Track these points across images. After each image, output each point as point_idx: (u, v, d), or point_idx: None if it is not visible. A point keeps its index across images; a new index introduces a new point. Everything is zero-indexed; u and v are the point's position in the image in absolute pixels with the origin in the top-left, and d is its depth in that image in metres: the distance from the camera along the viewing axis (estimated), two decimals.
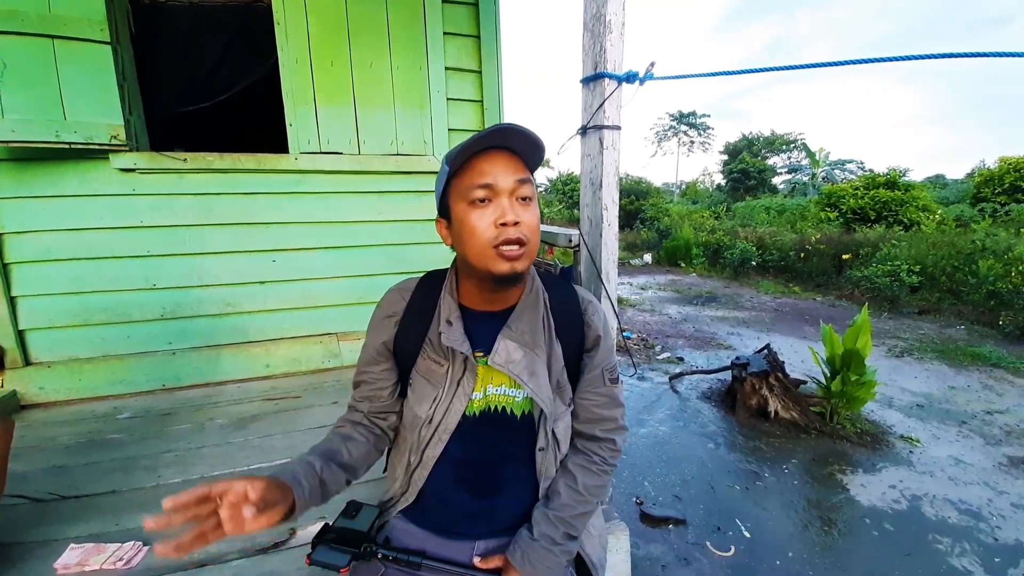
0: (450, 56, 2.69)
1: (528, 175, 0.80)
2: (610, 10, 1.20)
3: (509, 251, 0.76)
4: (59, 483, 1.58)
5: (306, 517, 1.37)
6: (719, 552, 2.13)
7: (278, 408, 2.19)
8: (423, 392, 0.88)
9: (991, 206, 11.32)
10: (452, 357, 0.87)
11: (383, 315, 0.92)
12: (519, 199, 0.78)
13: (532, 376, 0.85)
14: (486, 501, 0.91)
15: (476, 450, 0.90)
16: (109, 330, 2.37)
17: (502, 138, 0.77)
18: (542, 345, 0.88)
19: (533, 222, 0.79)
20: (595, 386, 0.94)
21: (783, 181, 29.30)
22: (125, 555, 1.21)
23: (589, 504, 0.92)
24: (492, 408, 0.89)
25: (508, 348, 0.85)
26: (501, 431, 0.90)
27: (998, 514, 2.37)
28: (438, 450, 0.89)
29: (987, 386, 4.04)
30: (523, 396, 0.89)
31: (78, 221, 2.26)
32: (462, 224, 0.79)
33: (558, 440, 0.91)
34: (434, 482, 0.91)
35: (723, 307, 7.29)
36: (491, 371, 0.88)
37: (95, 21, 2.04)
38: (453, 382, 0.87)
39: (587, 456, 0.94)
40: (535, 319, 0.88)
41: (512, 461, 0.92)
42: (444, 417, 0.87)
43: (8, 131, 1.97)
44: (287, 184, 2.52)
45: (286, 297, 2.61)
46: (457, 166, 0.79)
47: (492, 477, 0.92)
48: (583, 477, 0.92)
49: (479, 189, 0.76)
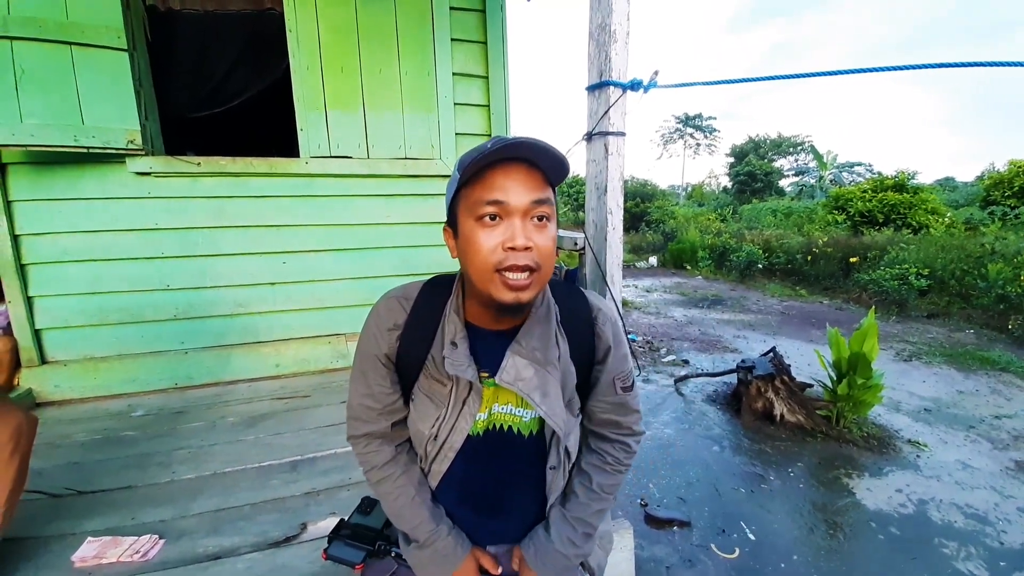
0: (457, 62, 2.73)
1: (548, 195, 0.71)
2: (615, 20, 1.22)
3: (515, 281, 0.69)
4: (75, 479, 1.63)
5: (316, 514, 1.41)
6: (723, 554, 2.13)
7: (288, 407, 2.22)
8: (426, 411, 0.83)
9: (1001, 209, 11.19)
10: (456, 378, 0.81)
11: (384, 326, 0.83)
12: (534, 219, 0.70)
13: (544, 397, 0.79)
14: (492, 519, 0.89)
15: (481, 470, 0.86)
16: (124, 330, 2.42)
17: (523, 150, 0.68)
18: (555, 362, 0.81)
19: (547, 246, 0.71)
20: (606, 395, 0.88)
21: (790, 184, 29.20)
22: (142, 548, 1.25)
23: (605, 502, 0.89)
24: (497, 427, 0.84)
25: (517, 365, 0.79)
26: (507, 451, 0.85)
27: (1004, 518, 2.36)
28: (444, 466, 0.85)
29: (995, 390, 4.01)
30: (531, 416, 0.84)
31: (95, 223, 2.32)
32: (467, 241, 0.71)
33: (569, 455, 0.88)
34: (440, 497, 0.89)
35: (729, 310, 7.27)
36: (497, 390, 0.82)
37: (112, 28, 2.10)
38: (458, 402, 0.81)
39: (601, 456, 0.90)
40: (547, 334, 0.81)
41: (518, 481, 0.88)
42: (449, 436, 0.83)
43: (27, 135, 2.02)
44: (297, 187, 2.57)
45: (296, 298, 2.65)
46: (469, 175, 0.70)
47: (497, 497, 0.89)
48: (598, 477, 0.88)
49: (489, 205, 0.68)
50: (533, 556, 0.85)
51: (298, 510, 1.45)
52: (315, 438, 1.90)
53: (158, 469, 1.69)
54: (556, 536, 0.85)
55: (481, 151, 0.67)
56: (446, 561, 0.83)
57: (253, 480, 1.62)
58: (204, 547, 1.29)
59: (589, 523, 0.87)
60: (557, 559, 0.85)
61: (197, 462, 1.74)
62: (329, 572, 1.18)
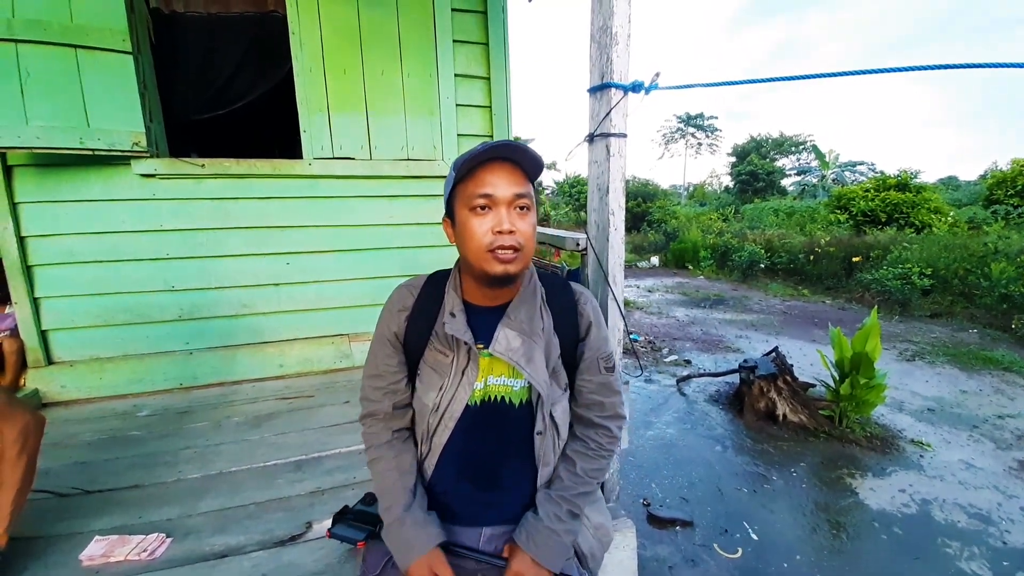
0: (459, 63, 2.74)
1: (527, 189, 0.86)
2: (616, 22, 1.23)
3: (503, 255, 0.83)
4: (82, 478, 1.64)
5: (322, 512, 1.42)
6: (726, 554, 2.14)
7: (292, 407, 2.24)
8: (430, 381, 0.94)
9: (1004, 208, 11.16)
10: (456, 348, 0.93)
11: (394, 308, 0.98)
12: (517, 208, 0.85)
13: (529, 362, 0.91)
14: (488, 493, 0.97)
15: (477, 442, 0.95)
16: (129, 330, 2.44)
17: (505, 151, 0.83)
18: (539, 332, 0.93)
19: (528, 230, 0.86)
20: (590, 373, 0.99)
21: (792, 183, 29.11)
22: (149, 546, 1.26)
23: (589, 485, 0.98)
24: (491, 398, 0.94)
25: (508, 336, 0.91)
26: (501, 420, 0.95)
27: (1007, 518, 2.36)
28: (444, 437, 0.94)
29: (999, 390, 4.00)
30: (521, 385, 0.95)
31: (100, 225, 2.33)
32: (463, 228, 0.86)
33: (556, 424, 0.97)
34: (439, 474, 0.97)
35: (731, 310, 7.27)
36: (492, 362, 0.94)
37: (117, 31, 2.11)
38: (458, 371, 0.93)
39: (584, 443, 1.00)
40: (532, 309, 0.94)
41: (512, 451, 0.97)
42: (450, 404, 0.93)
43: (33, 137, 2.03)
44: (301, 189, 2.58)
45: (299, 299, 2.67)
46: (463, 174, 0.85)
47: (493, 469, 0.97)
48: (581, 462, 0.98)
49: (480, 198, 0.83)
50: (525, 539, 0.91)
51: (303, 509, 1.46)
52: (319, 438, 1.91)
53: (164, 468, 1.71)
54: (544, 514, 0.93)
55: (472, 153, 0.81)
56: (412, 544, 0.88)
57: (258, 479, 1.63)
58: (211, 545, 1.30)
59: (574, 502, 0.95)
60: (548, 536, 0.91)
61: (203, 461, 1.75)
62: (334, 570, 1.19)
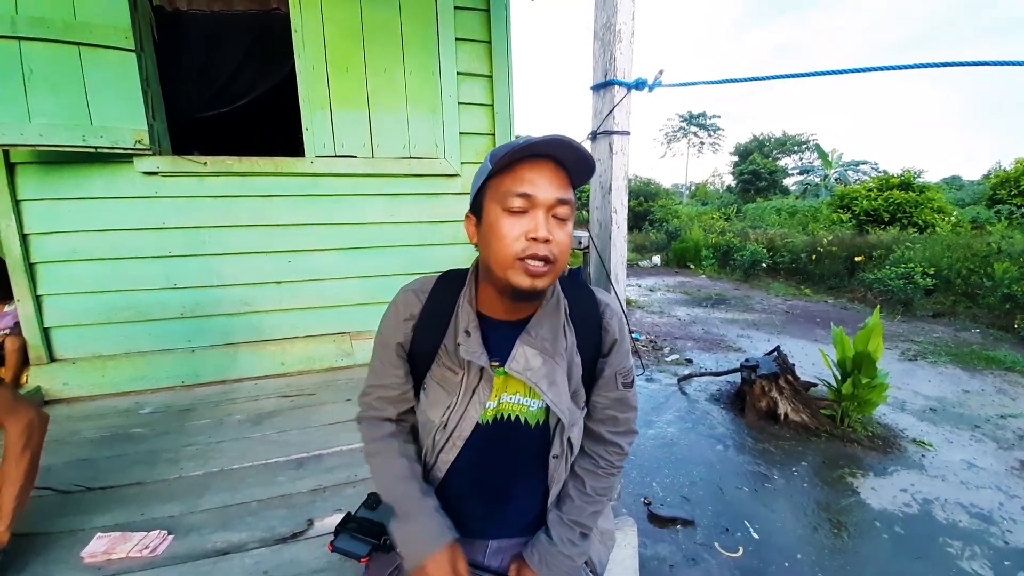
0: (462, 61, 2.73)
1: (570, 195, 0.76)
2: (620, 20, 1.23)
3: (534, 267, 0.73)
4: (84, 475, 1.64)
5: (323, 510, 1.43)
6: (727, 553, 2.14)
7: (293, 405, 2.24)
8: (437, 398, 0.86)
9: (1007, 208, 11.14)
10: (468, 366, 0.84)
11: (400, 317, 0.87)
12: (557, 215, 0.75)
13: (552, 385, 0.82)
14: (496, 508, 0.92)
15: (487, 459, 0.88)
16: (131, 328, 2.44)
17: (554, 148, 0.73)
18: (562, 352, 0.84)
19: (565, 242, 0.76)
20: (607, 389, 0.92)
21: (795, 182, 29.01)
22: (151, 543, 1.26)
23: (599, 503, 0.93)
24: (504, 417, 0.87)
25: (527, 355, 0.82)
26: (513, 440, 0.88)
27: (1009, 518, 2.35)
28: (452, 455, 0.88)
29: (1001, 390, 3.99)
30: (538, 406, 0.87)
31: (103, 222, 2.34)
32: (492, 228, 0.75)
33: (572, 446, 0.90)
34: (445, 488, 0.91)
35: (733, 309, 7.26)
36: (507, 380, 0.86)
37: (120, 29, 2.11)
38: (468, 390, 0.85)
39: (593, 460, 0.93)
40: (556, 326, 0.85)
41: (523, 470, 0.91)
42: (459, 424, 0.86)
43: (36, 135, 2.04)
44: (303, 187, 2.58)
45: (301, 297, 2.67)
46: (500, 167, 0.75)
47: (502, 486, 0.91)
48: (591, 481, 0.92)
49: (517, 198, 0.73)
50: (538, 562, 0.87)
51: (305, 506, 1.46)
52: (321, 435, 1.91)
53: (166, 466, 1.71)
54: (557, 539, 0.88)
55: (515, 145, 0.71)
56: (428, 539, 0.81)
57: (260, 477, 1.63)
58: (212, 542, 1.30)
59: (585, 524, 0.90)
60: (562, 561, 0.87)
61: (205, 459, 1.75)
62: (335, 568, 1.19)
